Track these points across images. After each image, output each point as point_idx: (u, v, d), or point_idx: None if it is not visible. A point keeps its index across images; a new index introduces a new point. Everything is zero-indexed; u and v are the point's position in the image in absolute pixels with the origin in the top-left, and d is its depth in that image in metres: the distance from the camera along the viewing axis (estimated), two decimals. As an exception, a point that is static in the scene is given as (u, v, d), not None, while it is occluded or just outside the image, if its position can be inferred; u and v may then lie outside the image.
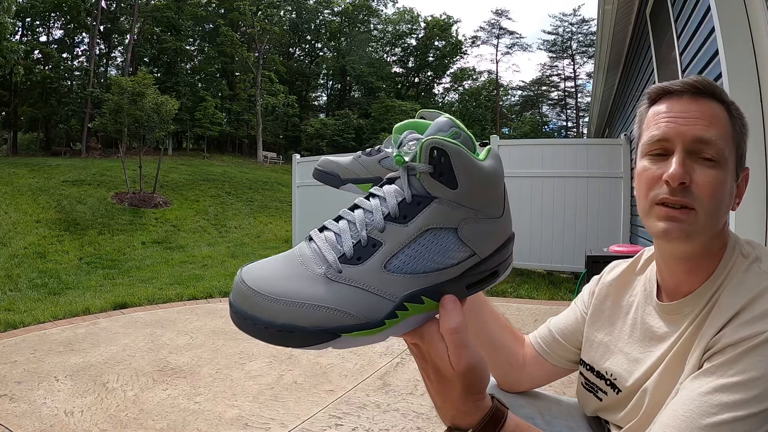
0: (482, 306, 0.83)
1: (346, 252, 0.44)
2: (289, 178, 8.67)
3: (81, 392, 2.35)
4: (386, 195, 0.45)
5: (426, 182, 0.44)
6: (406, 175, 0.45)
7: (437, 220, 0.44)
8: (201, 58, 32.82)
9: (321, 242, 0.45)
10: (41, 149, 26.51)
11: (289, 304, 0.41)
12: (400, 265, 0.43)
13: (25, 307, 4.44)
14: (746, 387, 0.54)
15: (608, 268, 0.86)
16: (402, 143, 0.47)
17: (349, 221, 0.46)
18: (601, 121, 9.66)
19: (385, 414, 2.13)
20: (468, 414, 0.48)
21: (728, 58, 1.85)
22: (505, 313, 4.25)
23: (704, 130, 0.63)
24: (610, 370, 0.76)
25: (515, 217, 2.32)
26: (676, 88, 0.67)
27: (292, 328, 0.41)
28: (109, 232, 9.79)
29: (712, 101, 0.65)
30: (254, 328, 0.42)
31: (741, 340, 0.56)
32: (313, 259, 0.44)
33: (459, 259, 0.45)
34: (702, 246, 0.66)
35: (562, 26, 42.19)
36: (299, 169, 7.85)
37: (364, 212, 0.45)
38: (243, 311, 0.42)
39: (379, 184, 0.47)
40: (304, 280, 0.43)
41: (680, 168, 0.62)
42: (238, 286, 0.43)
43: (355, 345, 0.43)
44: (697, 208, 0.62)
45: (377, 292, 0.43)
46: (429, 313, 0.45)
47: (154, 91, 12.96)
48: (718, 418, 0.54)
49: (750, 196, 1.72)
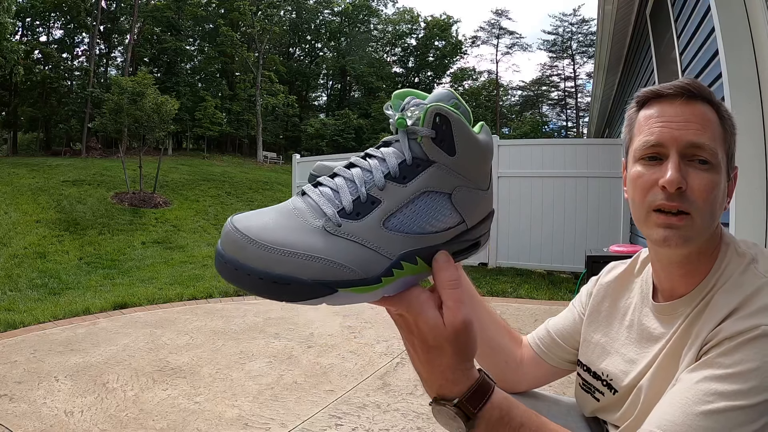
0: (479, 306, 0.83)
1: (346, 207, 0.43)
2: (289, 178, 8.67)
3: (81, 392, 2.35)
4: (385, 156, 0.46)
5: (426, 146, 0.45)
6: (407, 138, 0.45)
7: (434, 183, 0.45)
8: (201, 58, 32.84)
9: (317, 196, 0.44)
10: (41, 149, 26.54)
11: (287, 254, 0.40)
12: (397, 224, 0.44)
13: (25, 307, 4.44)
14: (742, 378, 0.54)
15: (606, 270, 0.86)
16: (404, 107, 0.47)
17: (347, 178, 0.46)
18: (601, 121, 9.66)
19: (385, 414, 2.13)
20: (456, 382, 0.48)
21: (728, 58, 1.85)
22: (505, 313, 4.22)
23: (698, 134, 0.63)
24: (607, 371, 0.77)
25: (516, 217, 2.35)
26: (668, 92, 0.67)
27: (289, 280, 0.40)
28: (109, 232, 9.79)
29: (703, 104, 0.66)
30: (247, 279, 0.40)
31: (738, 333, 0.56)
32: (309, 212, 0.43)
33: (450, 224, 0.46)
34: (698, 248, 0.66)
35: (562, 26, 42.25)
36: (299, 169, 7.86)
37: (362, 171, 0.46)
38: (234, 260, 0.40)
39: (375, 146, 0.48)
40: (302, 231, 0.42)
41: (677, 173, 0.62)
42: (230, 233, 0.41)
43: (349, 302, 0.43)
44: (693, 212, 0.63)
45: (376, 248, 0.43)
46: (419, 275, 0.46)
47: (154, 91, 12.96)
48: (713, 406, 0.54)
49: (750, 196, 1.72)
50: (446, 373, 0.47)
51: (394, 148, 0.46)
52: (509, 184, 5.87)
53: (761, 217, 1.72)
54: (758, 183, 1.72)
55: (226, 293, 4.82)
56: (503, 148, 5.96)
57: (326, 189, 0.45)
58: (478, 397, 0.48)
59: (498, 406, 0.49)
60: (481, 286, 4.85)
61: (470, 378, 0.48)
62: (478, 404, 0.48)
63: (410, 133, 0.45)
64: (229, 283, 0.41)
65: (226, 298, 4.66)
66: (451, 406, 0.47)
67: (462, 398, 0.47)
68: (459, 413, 0.47)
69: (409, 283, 0.46)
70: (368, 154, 0.47)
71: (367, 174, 0.45)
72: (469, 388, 0.48)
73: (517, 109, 45.05)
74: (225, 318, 3.84)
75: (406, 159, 0.45)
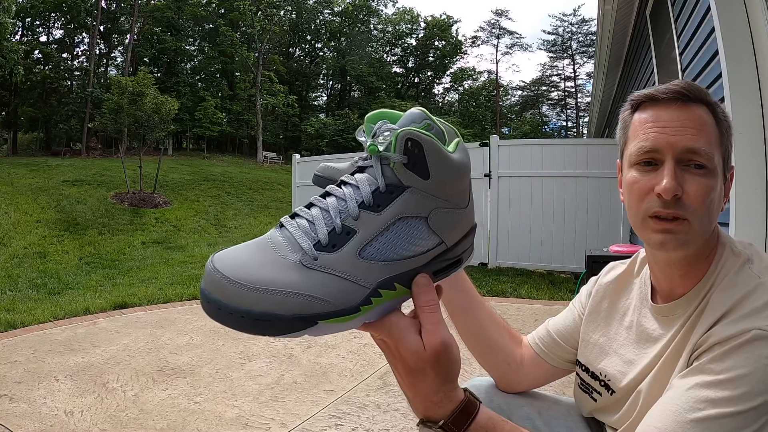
0: (479, 307, 0.83)
1: (321, 239, 0.44)
2: (289, 178, 8.67)
3: (81, 392, 2.35)
4: (359, 183, 0.46)
5: (399, 172, 0.45)
6: (380, 164, 0.45)
7: (409, 208, 0.45)
8: (201, 58, 32.83)
9: (294, 229, 0.45)
10: (41, 149, 26.52)
11: (266, 292, 0.41)
12: (373, 252, 0.44)
13: (25, 307, 4.44)
14: (733, 384, 0.53)
15: (606, 270, 0.86)
16: (376, 133, 0.47)
17: (322, 208, 0.46)
18: (601, 121, 9.66)
19: (385, 414, 2.13)
20: (440, 405, 0.48)
21: (728, 58, 1.85)
22: (505, 313, 4.22)
23: (694, 139, 0.62)
24: (605, 371, 0.76)
25: (516, 217, 2.35)
26: (663, 96, 0.65)
27: (270, 317, 0.41)
28: (109, 232, 9.79)
29: (698, 106, 0.65)
30: (230, 318, 0.41)
31: (728, 337, 0.56)
32: (286, 246, 0.44)
33: (428, 246, 0.46)
34: (695, 250, 0.65)
35: (562, 26, 42.25)
36: (299, 169, 7.85)
37: (337, 200, 0.46)
38: (217, 300, 0.41)
39: (350, 172, 0.48)
40: (279, 267, 0.42)
41: (673, 181, 0.61)
42: (211, 273, 0.42)
43: (330, 332, 0.44)
44: (690, 218, 0.62)
45: (353, 279, 0.43)
46: (400, 298, 0.47)
47: (154, 91, 12.96)
48: (703, 414, 0.53)
49: (750, 196, 1.72)
50: (430, 396, 0.48)
51: (368, 174, 0.46)
52: (509, 184, 5.87)
53: (761, 217, 1.72)
54: (758, 183, 1.72)
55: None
56: (503, 148, 5.96)
57: (303, 221, 0.45)
58: (462, 419, 0.48)
59: (483, 426, 0.49)
60: (481, 286, 4.85)
61: (454, 400, 0.48)
62: (463, 425, 0.48)
63: (383, 159, 0.45)
64: (216, 322, 0.42)
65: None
66: (437, 428, 0.48)
67: (447, 420, 0.48)
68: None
69: (390, 308, 0.46)
70: (343, 182, 0.47)
71: (342, 203, 0.45)
72: (452, 411, 0.48)
73: (517, 109, 45.04)
74: (225, 318, 3.84)
75: (379, 186, 0.45)
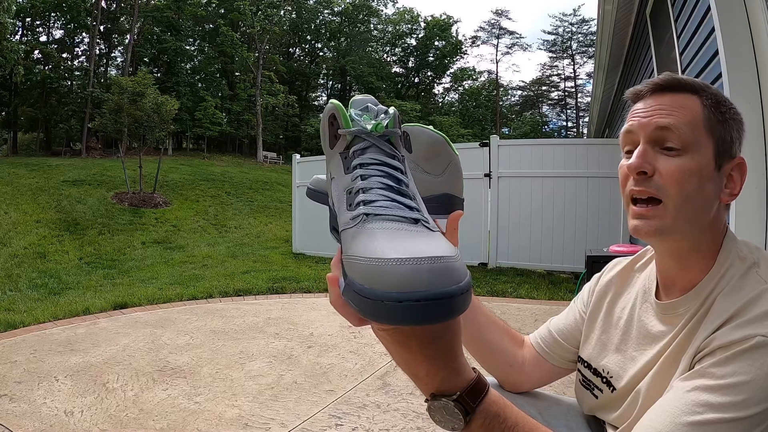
0: (478, 311, 0.83)
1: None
2: (289, 178, 8.67)
3: (81, 392, 2.35)
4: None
5: (396, 144, 0.52)
6: (382, 140, 0.51)
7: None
8: (201, 58, 32.82)
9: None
10: (41, 149, 26.53)
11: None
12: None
13: (25, 307, 4.44)
14: (734, 390, 0.53)
15: (609, 266, 0.86)
16: (377, 114, 0.52)
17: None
18: (601, 121, 9.66)
19: (385, 414, 2.13)
20: (459, 372, 0.47)
21: (728, 58, 1.85)
22: (505, 313, 4.22)
23: (664, 118, 0.64)
24: (607, 368, 0.76)
25: (516, 217, 2.35)
26: (644, 89, 0.69)
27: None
28: (109, 232, 9.79)
29: (678, 93, 0.66)
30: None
31: (732, 342, 0.55)
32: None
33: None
34: (688, 242, 0.65)
35: (562, 26, 42.24)
36: (299, 169, 7.85)
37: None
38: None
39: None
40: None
41: (638, 158, 0.64)
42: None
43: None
44: (664, 198, 0.63)
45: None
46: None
47: (154, 91, 12.97)
48: (701, 417, 0.53)
49: (750, 195, 1.72)
50: (448, 363, 0.47)
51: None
52: (509, 184, 5.87)
53: (761, 217, 1.71)
54: (758, 183, 1.72)
55: (226, 293, 4.82)
56: (503, 148, 5.96)
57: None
58: (476, 392, 0.48)
59: (495, 402, 0.49)
60: (481, 286, 4.85)
61: (469, 372, 0.48)
62: (477, 399, 0.48)
63: (383, 136, 0.51)
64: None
65: (226, 298, 4.66)
66: (451, 401, 0.47)
67: (462, 392, 0.47)
68: (458, 407, 0.47)
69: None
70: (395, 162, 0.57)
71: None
72: (468, 382, 0.48)
73: (517, 109, 45.03)
74: (225, 318, 3.84)
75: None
